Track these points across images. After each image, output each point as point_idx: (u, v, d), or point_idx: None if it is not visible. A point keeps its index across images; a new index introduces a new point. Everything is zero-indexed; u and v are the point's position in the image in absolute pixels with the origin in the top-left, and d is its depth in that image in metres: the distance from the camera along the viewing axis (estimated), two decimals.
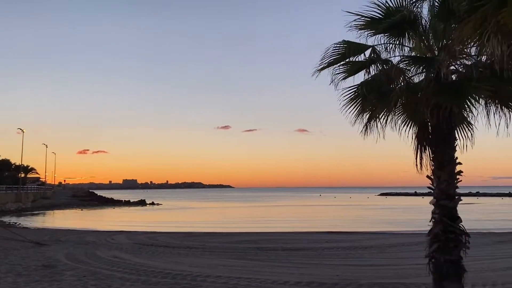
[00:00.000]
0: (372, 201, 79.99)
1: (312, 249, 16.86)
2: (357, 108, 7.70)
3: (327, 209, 58.40)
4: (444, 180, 7.24)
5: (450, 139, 7.30)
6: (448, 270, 6.97)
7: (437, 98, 6.58)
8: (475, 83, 6.35)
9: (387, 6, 7.21)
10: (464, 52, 6.56)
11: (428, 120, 7.33)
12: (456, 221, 7.16)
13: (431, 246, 7.27)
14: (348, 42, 7.57)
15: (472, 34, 4.78)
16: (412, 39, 7.68)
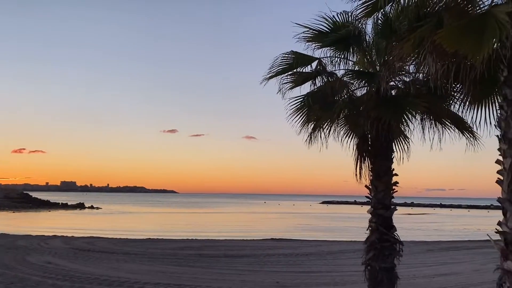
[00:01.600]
0: (315, 209, 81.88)
1: (254, 256, 16.93)
2: (302, 118, 7.88)
3: (271, 216, 59.01)
4: (381, 190, 7.57)
5: (388, 151, 7.66)
6: (383, 277, 7.27)
7: (377, 112, 6.90)
8: (412, 99, 6.73)
9: (334, 21, 7.48)
10: (403, 69, 6.92)
11: (368, 132, 7.66)
12: (391, 230, 7.50)
13: (367, 254, 7.56)
14: (296, 53, 7.75)
15: (410, 52, 5.06)
16: (356, 54, 8.00)
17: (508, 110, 4.64)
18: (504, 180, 4.66)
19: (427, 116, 7.53)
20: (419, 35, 4.75)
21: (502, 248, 4.54)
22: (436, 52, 4.32)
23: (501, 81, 4.75)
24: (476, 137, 7.36)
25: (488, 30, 3.88)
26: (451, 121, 7.41)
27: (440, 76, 4.85)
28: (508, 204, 4.54)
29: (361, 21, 6.48)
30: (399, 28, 6.24)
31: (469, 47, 3.98)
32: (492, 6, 4.44)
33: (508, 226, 4.54)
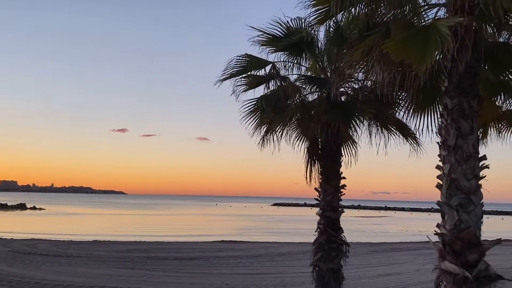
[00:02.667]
0: (266, 211, 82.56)
1: (204, 258, 16.81)
2: (255, 120, 7.95)
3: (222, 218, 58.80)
4: (330, 193, 7.78)
5: (337, 155, 7.88)
6: (329, 278, 7.46)
7: (327, 117, 7.08)
8: (360, 105, 6.97)
9: (288, 26, 7.60)
10: (353, 76, 7.15)
11: (319, 136, 7.85)
12: (339, 232, 7.72)
13: (315, 255, 7.74)
14: (251, 56, 7.80)
15: (359, 60, 5.25)
16: (309, 60, 8.19)
17: (448, 119, 4.92)
18: (443, 185, 4.93)
19: (374, 122, 7.82)
20: (368, 44, 4.93)
21: (440, 249, 4.80)
22: (383, 61, 4.51)
23: (442, 91, 5.03)
24: (419, 143, 7.74)
25: (431, 42, 4.10)
26: (396, 127, 7.74)
27: (387, 84, 5.06)
28: (447, 207, 4.81)
29: (314, 28, 6.63)
30: (350, 36, 6.45)
31: (413, 57, 4.18)
32: (435, 20, 4.70)
33: (446, 228, 4.81)
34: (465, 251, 4.57)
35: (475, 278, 4.43)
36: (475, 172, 4.77)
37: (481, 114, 8.46)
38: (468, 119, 4.82)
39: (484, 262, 4.56)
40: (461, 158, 4.76)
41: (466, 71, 4.68)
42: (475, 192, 4.71)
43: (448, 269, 4.60)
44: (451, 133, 4.84)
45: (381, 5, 5.44)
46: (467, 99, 4.80)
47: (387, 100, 6.20)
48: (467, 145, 4.77)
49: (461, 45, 4.21)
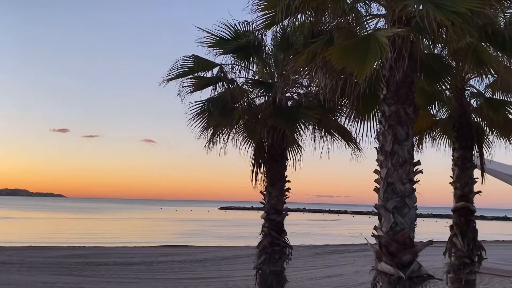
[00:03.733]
0: (212, 215, 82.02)
1: (146, 263, 16.38)
2: (202, 123, 7.89)
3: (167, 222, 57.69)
4: (275, 196, 7.86)
5: (282, 159, 7.98)
6: (272, 281, 7.52)
7: (273, 121, 7.17)
8: (305, 110, 7.11)
9: (236, 29, 7.62)
10: (298, 82, 7.30)
11: (265, 140, 7.92)
12: (282, 234, 7.81)
13: (259, 258, 7.77)
14: (198, 57, 7.73)
15: (304, 66, 5.37)
16: (256, 64, 8.25)
17: (386, 125, 5.13)
18: (380, 188, 5.13)
19: (318, 127, 8.00)
20: (312, 51, 5.05)
21: (377, 251, 4.99)
22: (326, 68, 4.64)
23: (381, 98, 5.24)
24: (360, 148, 8.01)
25: (371, 51, 4.27)
26: (339, 132, 7.97)
27: (329, 90, 5.21)
28: (383, 210, 5.01)
29: (261, 32, 6.70)
30: (296, 42, 6.58)
31: (354, 65, 4.33)
32: (375, 30, 4.90)
33: (382, 231, 5.00)
34: (399, 252, 4.78)
35: (409, 278, 4.64)
36: (410, 176, 5.00)
37: (417, 122, 8.93)
38: (404, 126, 5.04)
39: (417, 263, 4.78)
40: (397, 163, 4.98)
41: (403, 80, 4.91)
42: (409, 195, 4.94)
43: (384, 270, 4.78)
44: (388, 139, 5.05)
45: (326, 14, 5.59)
46: (403, 106, 5.02)
47: (330, 106, 6.39)
48: (403, 151, 5.00)
49: (398, 55, 4.41)
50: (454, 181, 8.44)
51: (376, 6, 5.48)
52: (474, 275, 8.20)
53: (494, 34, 5.27)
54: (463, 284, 8.01)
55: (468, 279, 8.05)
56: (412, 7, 4.36)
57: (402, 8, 4.42)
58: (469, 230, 8.16)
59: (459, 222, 8.25)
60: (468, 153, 8.32)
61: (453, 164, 8.48)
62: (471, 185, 8.30)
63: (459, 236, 8.15)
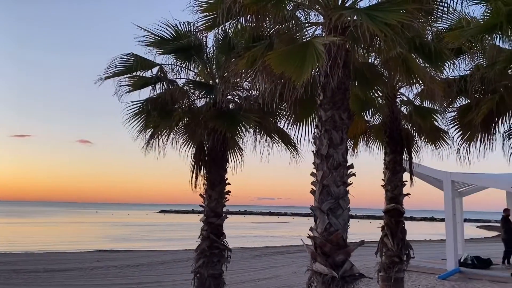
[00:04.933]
0: (151, 218, 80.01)
1: (80, 269, 15.66)
2: (140, 123, 7.69)
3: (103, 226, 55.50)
4: (215, 199, 7.82)
5: (223, 161, 7.97)
6: (210, 284, 7.47)
7: (214, 123, 7.14)
8: (246, 113, 7.16)
9: (177, 29, 7.51)
10: (239, 85, 7.34)
11: (206, 142, 7.87)
12: (221, 237, 7.79)
13: (197, 262, 7.70)
14: (137, 56, 7.54)
15: (245, 69, 5.41)
16: (198, 65, 8.18)
17: (322, 129, 5.29)
18: (316, 191, 5.28)
19: (259, 130, 8.09)
20: (253, 55, 5.11)
21: (312, 251, 5.12)
22: (266, 72, 4.71)
23: (318, 104, 5.40)
24: (298, 151, 8.20)
25: (308, 58, 4.39)
26: (279, 135, 8.11)
27: (269, 94, 5.30)
28: (319, 211, 5.16)
29: (202, 34, 6.66)
30: (237, 45, 6.63)
31: (292, 71, 4.42)
32: (313, 37, 5.05)
33: (317, 232, 5.15)
34: (333, 253, 4.94)
35: (341, 278, 4.81)
36: (343, 179, 5.20)
37: (352, 127, 9.35)
38: (339, 130, 5.23)
39: (350, 262, 4.97)
40: (332, 166, 5.15)
41: (338, 86, 5.10)
42: (343, 197, 5.13)
43: (318, 270, 4.92)
44: (324, 143, 5.21)
45: (266, 19, 5.68)
46: (338, 112, 5.21)
47: (270, 109, 6.49)
48: (337, 154, 5.18)
49: (333, 62, 4.58)
50: (385, 184, 8.89)
51: (315, 14, 5.64)
52: (402, 273, 8.67)
53: (421, 46, 5.63)
54: (392, 282, 8.45)
55: (397, 277, 8.50)
56: (347, 17, 4.55)
57: (338, 17, 4.60)
58: (398, 230, 8.62)
59: (389, 223, 8.69)
60: (398, 157, 8.80)
61: (385, 167, 8.94)
62: (400, 188, 8.79)
63: (389, 236, 8.59)
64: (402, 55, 5.44)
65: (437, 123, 8.64)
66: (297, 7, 5.66)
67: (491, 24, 6.25)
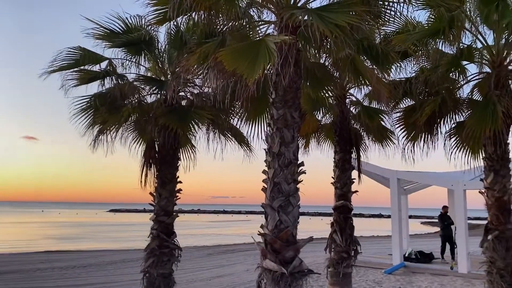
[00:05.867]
0: (100, 218, 77.49)
1: (22, 271, 14.89)
2: (88, 119, 7.44)
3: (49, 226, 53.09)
4: (165, 197, 7.67)
5: (174, 159, 7.83)
6: (160, 284, 7.33)
7: (165, 119, 7.00)
8: (198, 110, 7.08)
9: (127, 23, 7.30)
10: (192, 81, 7.24)
11: (156, 139, 7.70)
12: (172, 236, 7.66)
13: (146, 261, 7.53)
14: (84, 50, 7.27)
15: (196, 65, 5.34)
16: (149, 60, 7.99)
17: (274, 128, 5.33)
18: (267, 188, 5.31)
19: (211, 128, 8.03)
20: (205, 51, 5.05)
21: (262, 249, 5.15)
22: (218, 69, 4.66)
23: (270, 102, 5.44)
24: (251, 149, 8.22)
25: (260, 56, 4.39)
26: (232, 133, 8.09)
27: (221, 92, 5.27)
28: (269, 209, 5.20)
29: (152, 28, 6.52)
30: (189, 41, 6.54)
31: (244, 68, 4.41)
32: (266, 35, 5.07)
33: (268, 229, 5.18)
34: (283, 249, 4.99)
35: (290, 274, 4.87)
36: (294, 176, 5.26)
37: (304, 126, 9.53)
38: (290, 129, 5.28)
39: (299, 259, 5.04)
40: (283, 164, 5.20)
41: (290, 85, 5.15)
42: (293, 194, 5.19)
43: (268, 267, 4.96)
44: (275, 141, 5.25)
45: (219, 16, 5.65)
46: (290, 111, 5.26)
47: (223, 107, 6.46)
48: (288, 152, 5.24)
49: (285, 61, 4.62)
50: (335, 181, 9.12)
51: (268, 13, 5.67)
52: (350, 268, 8.94)
53: (369, 48, 5.81)
54: (340, 277, 8.68)
55: (345, 272, 8.75)
56: (298, 16, 4.60)
57: (289, 16, 4.64)
58: (347, 226, 8.87)
59: (338, 220, 8.92)
60: (347, 155, 9.06)
61: (334, 165, 9.17)
62: (349, 185, 9.05)
63: (338, 233, 8.83)
64: (351, 56, 5.58)
65: (384, 123, 8.98)
66: (250, 5, 5.66)
67: (435, 29, 6.55)
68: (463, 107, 7.39)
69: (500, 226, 6.67)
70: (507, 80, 6.74)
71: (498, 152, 6.74)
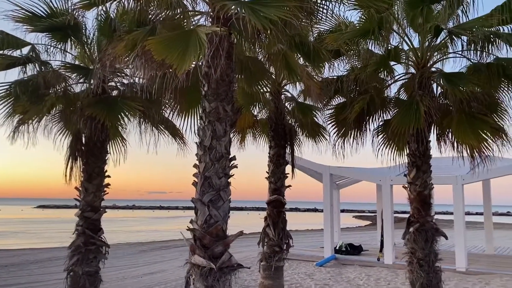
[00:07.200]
0: (26, 214, 72.85)
1: None
2: (7, 108, 6.93)
3: None
4: (91, 192, 7.31)
5: (102, 152, 7.46)
6: (85, 282, 6.99)
7: (91, 110, 6.65)
8: (128, 101, 6.79)
9: (51, 6, 6.83)
10: (122, 71, 6.94)
11: (82, 131, 7.30)
12: (99, 233, 7.32)
13: (71, 259, 7.16)
14: (2, 32, 6.71)
15: (123, 53, 5.09)
16: (77, 47, 7.55)
17: (206, 121, 5.24)
18: (198, 182, 5.21)
19: (144, 120, 7.76)
20: (133, 38, 4.83)
21: (191, 244, 5.05)
22: (146, 58, 4.48)
23: (202, 94, 5.33)
24: (186, 143, 8.05)
25: (191, 46, 4.27)
26: (165, 126, 7.87)
27: (151, 82, 5.07)
28: (199, 203, 5.11)
29: (79, 13, 6.14)
30: (119, 28, 6.24)
31: (174, 58, 4.27)
32: (197, 26, 4.95)
33: (198, 224, 5.09)
34: (212, 244, 4.93)
35: (219, 269, 4.81)
36: (225, 171, 5.21)
37: (240, 121, 9.51)
38: (222, 122, 5.22)
39: (228, 253, 5.00)
40: (215, 158, 5.13)
41: (222, 78, 5.08)
42: (224, 189, 5.14)
43: (196, 262, 4.87)
44: (207, 135, 5.16)
45: (151, 4, 5.44)
46: (222, 104, 5.19)
47: (155, 98, 6.24)
48: (220, 146, 5.17)
49: (216, 52, 4.53)
50: (269, 176, 9.20)
51: (202, 3, 5.55)
52: (282, 262, 9.07)
53: (301, 44, 5.88)
54: (272, 270, 8.79)
55: (277, 266, 8.87)
56: (230, 8, 4.53)
57: (221, 7, 4.55)
58: (280, 220, 8.99)
59: (271, 214, 9.02)
60: (282, 150, 9.17)
61: (269, 160, 9.25)
62: (283, 180, 9.17)
63: (271, 227, 8.92)
64: (283, 51, 5.61)
65: (317, 119, 9.20)
66: None
67: (365, 29, 6.79)
68: (390, 106, 7.73)
69: (421, 218, 7.07)
70: (430, 81, 7.14)
71: (420, 149, 7.12)
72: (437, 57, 7.31)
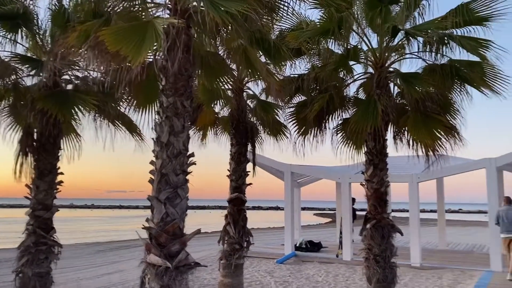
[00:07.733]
0: None
1: None
2: None
3: None
4: (43, 190, 6.99)
5: (54, 148, 7.15)
6: (35, 284, 6.68)
7: (43, 104, 6.34)
8: (82, 95, 6.53)
9: None
10: (76, 64, 6.66)
11: (33, 125, 6.96)
12: (50, 232, 7.01)
13: (20, 260, 6.83)
14: None
15: (75, 45, 4.87)
16: (29, 38, 7.18)
17: (163, 116, 5.10)
18: (155, 180, 5.07)
19: (99, 115, 7.49)
20: (86, 29, 4.63)
21: (147, 243, 4.91)
22: (99, 49, 4.30)
23: (160, 89, 5.18)
24: (144, 139, 7.84)
25: (147, 38, 4.14)
26: (122, 121, 7.63)
27: (107, 76, 4.88)
28: (156, 201, 4.96)
29: (29, 1, 5.84)
30: (74, 19, 5.98)
31: (129, 50, 4.12)
32: (154, 18, 4.80)
33: (153, 222, 4.95)
34: (169, 243, 4.80)
35: (175, 268, 4.70)
36: (183, 168, 5.08)
37: (201, 118, 9.37)
38: (180, 118, 5.09)
39: (185, 252, 4.89)
40: (172, 155, 5.00)
41: (180, 72, 4.96)
42: (182, 186, 5.02)
43: (152, 262, 4.74)
44: (164, 130, 5.03)
45: None
46: (181, 99, 5.07)
47: (111, 92, 6.03)
48: (178, 143, 5.05)
49: (173, 45, 4.41)
50: (230, 174, 9.13)
51: None
52: (243, 260, 9.03)
53: (262, 40, 5.84)
54: (232, 268, 8.73)
55: (237, 264, 8.82)
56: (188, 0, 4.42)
57: None
58: (240, 218, 8.94)
59: (232, 212, 8.96)
60: (243, 148, 9.12)
61: (231, 158, 9.17)
62: (244, 178, 9.12)
63: (231, 225, 8.86)
64: (243, 46, 5.55)
65: (278, 118, 9.21)
66: None
67: (325, 28, 6.83)
68: (349, 105, 7.84)
69: (378, 215, 7.22)
70: (387, 80, 7.29)
71: (377, 147, 7.26)
72: (395, 58, 7.47)
